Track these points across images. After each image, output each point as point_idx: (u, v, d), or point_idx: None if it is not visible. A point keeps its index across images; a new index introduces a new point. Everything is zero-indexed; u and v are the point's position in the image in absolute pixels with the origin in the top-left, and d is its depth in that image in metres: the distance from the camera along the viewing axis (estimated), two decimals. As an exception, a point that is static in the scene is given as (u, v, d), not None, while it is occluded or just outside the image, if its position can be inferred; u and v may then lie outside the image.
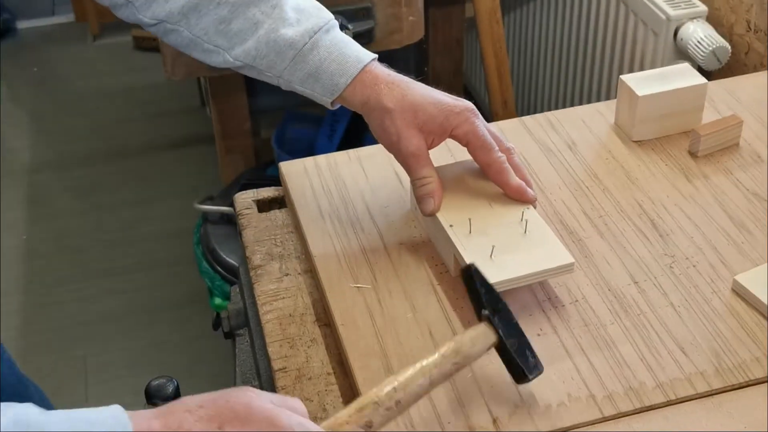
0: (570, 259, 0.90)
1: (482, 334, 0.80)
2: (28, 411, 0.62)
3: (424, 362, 0.77)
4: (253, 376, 1.00)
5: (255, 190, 1.14)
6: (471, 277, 0.83)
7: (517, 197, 0.97)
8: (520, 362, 0.80)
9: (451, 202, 0.97)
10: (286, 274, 1.00)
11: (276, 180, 1.14)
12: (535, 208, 0.97)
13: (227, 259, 1.76)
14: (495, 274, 0.88)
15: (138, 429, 0.64)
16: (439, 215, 0.96)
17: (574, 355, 0.86)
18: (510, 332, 0.81)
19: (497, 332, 0.80)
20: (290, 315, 0.95)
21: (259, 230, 1.07)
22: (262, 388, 0.93)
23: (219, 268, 1.77)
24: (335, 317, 0.92)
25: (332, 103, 1.00)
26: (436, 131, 0.97)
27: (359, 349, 0.88)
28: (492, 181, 0.98)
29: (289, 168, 1.13)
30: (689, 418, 0.80)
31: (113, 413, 0.65)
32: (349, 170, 1.11)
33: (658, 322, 0.89)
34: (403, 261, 0.98)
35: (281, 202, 1.12)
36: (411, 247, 1.00)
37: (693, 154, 1.11)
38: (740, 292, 0.92)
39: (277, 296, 0.98)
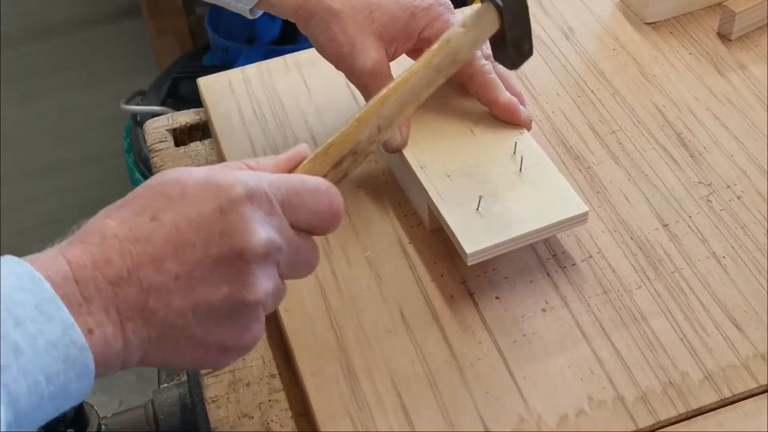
0: (583, 207, 0.68)
1: (483, 17, 0.66)
2: None
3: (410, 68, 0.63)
4: (182, 371, 0.79)
5: (170, 115, 0.89)
6: None
7: (508, 118, 0.73)
8: (513, 52, 0.69)
9: (422, 132, 0.74)
10: (213, 234, 0.78)
11: (216, 72, 0.90)
12: (530, 130, 0.74)
13: (163, 169, 1.52)
14: (484, 235, 0.66)
15: (50, 270, 0.47)
16: (406, 152, 0.72)
17: (593, 338, 0.65)
18: (515, 18, 0.67)
19: (501, 17, 0.66)
20: (220, 292, 0.73)
21: (177, 172, 0.83)
22: (190, 388, 0.72)
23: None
24: (276, 299, 0.70)
25: (252, 11, 0.74)
26: (400, 36, 0.73)
27: (309, 346, 0.66)
28: (474, 98, 0.75)
29: (210, 85, 0.88)
30: (751, 426, 0.60)
31: (11, 270, 0.47)
32: (287, 83, 0.87)
33: (699, 282, 0.68)
34: (362, 212, 0.75)
35: (204, 129, 0.88)
36: (372, 191, 0.77)
37: (724, 37, 0.87)
38: (802, 232, 0.70)
39: (202, 266, 0.75)
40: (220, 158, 0.82)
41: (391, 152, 0.73)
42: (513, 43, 0.68)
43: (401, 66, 0.77)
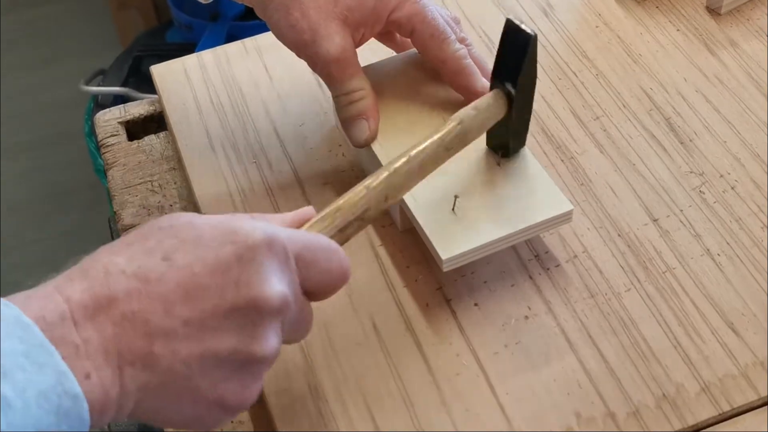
0: (568, 206, 0.63)
1: (493, 103, 0.63)
2: None
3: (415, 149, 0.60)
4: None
5: (123, 106, 0.83)
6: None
7: None
8: (512, 143, 0.65)
9: (392, 124, 0.68)
10: (169, 237, 0.72)
11: (179, 50, 0.84)
12: None
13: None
14: (460, 239, 0.61)
15: (45, 310, 0.43)
16: (375, 146, 0.67)
17: (580, 347, 0.61)
18: (522, 110, 0.65)
19: (509, 105, 0.63)
20: (177, 302, 0.68)
21: (130, 169, 0.77)
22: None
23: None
24: (238, 310, 0.65)
25: None
26: (367, 20, 0.67)
27: (275, 365, 0.61)
28: (448, 85, 0.69)
29: (164, 72, 0.81)
30: (753, 442, 0.56)
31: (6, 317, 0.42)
32: (247, 70, 0.81)
33: (692, 283, 0.63)
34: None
35: (160, 121, 0.81)
36: (339, 186, 0.71)
37: (714, 11, 0.81)
38: (801, 225, 0.66)
39: (158, 273, 0.70)
40: (176, 153, 0.76)
41: (360, 147, 0.68)
42: (513, 132, 0.65)
43: (374, 53, 0.71)
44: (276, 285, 0.47)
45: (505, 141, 0.65)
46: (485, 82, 0.68)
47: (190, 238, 0.47)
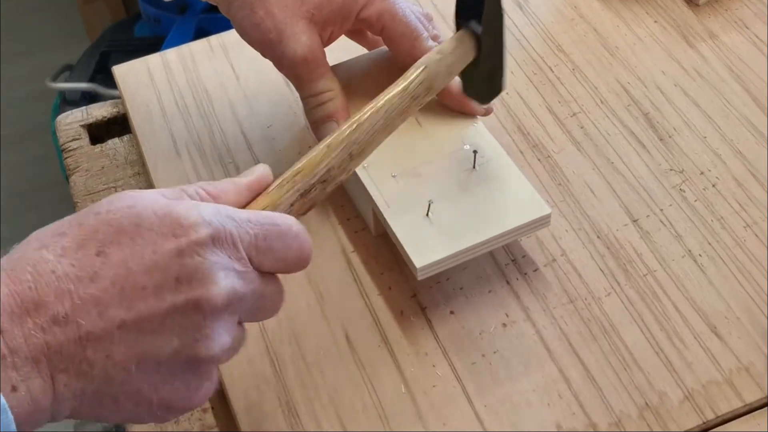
0: (546, 209, 0.60)
1: (458, 45, 0.60)
2: None
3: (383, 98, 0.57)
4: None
5: (85, 108, 0.80)
6: None
7: (459, 108, 0.66)
8: (487, 86, 0.63)
9: None
10: (134, 245, 0.69)
11: (147, 44, 0.81)
12: (489, 114, 0.67)
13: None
14: (435, 245, 0.59)
15: None
16: None
17: (559, 356, 0.59)
18: (491, 49, 0.61)
19: (478, 47, 0.60)
20: (143, 314, 0.65)
21: (93, 174, 0.74)
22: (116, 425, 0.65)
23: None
24: (205, 322, 0.62)
25: None
26: (335, 18, 0.64)
27: (242, 378, 0.59)
28: None
29: (126, 73, 0.79)
30: (738, 452, 0.54)
31: None
32: (212, 69, 0.78)
33: (674, 286, 0.62)
34: (303, 220, 0.67)
35: (123, 123, 0.79)
36: (309, 191, 0.69)
37: (692, 2, 0.80)
38: (784, 224, 0.64)
39: (123, 283, 0.67)
40: (140, 157, 0.74)
41: None
42: (486, 75, 0.62)
43: (345, 51, 0.69)
44: (220, 282, 0.44)
45: (480, 85, 0.62)
46: (459, 80, 0.65)
47: (128, 226, 0.44)
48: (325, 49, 0.65)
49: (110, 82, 1.44)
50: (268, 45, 0.64)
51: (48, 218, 1.77)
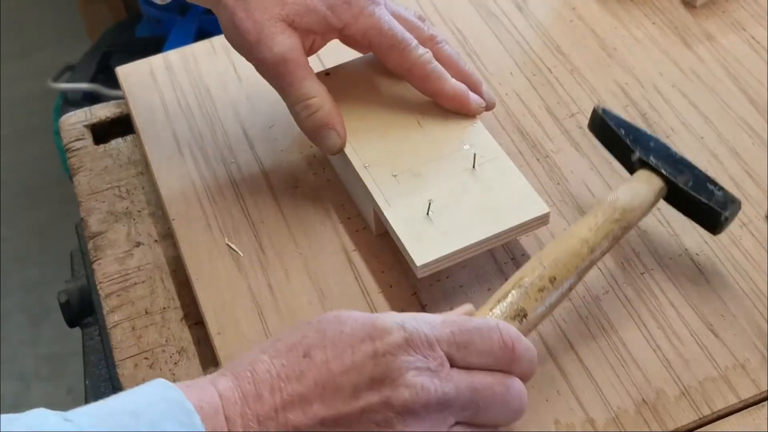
0: (544, 208, 0.61)
1: (642, 181, 0.61)
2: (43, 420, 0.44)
3: (574, 229, 0.58)
4: (108, 389, 0.72)
5: (88, 109, 0.80)
6: (603, 121, 0.64)
7: (457, 109, 0.66)
8: (704, 198, 0.60)
9: (365, 126, 0.66)
10: (137, 244, 0.70)
11: (148, 45, 0.82)
12: (492, 109, 0.68)
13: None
14: (435, 244, 0.59)
15: (203, 402, 0.46)
16: (348, 150, 0.65)
17: (558, 353, 0.59)
18: (677, 168, 0.61)
19: (660, 173, 0.61)
20: (146, 312, 0.66)
21: (96, 174, 0.75)
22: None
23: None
24: (207, 320, 0.63)
25: None
26: (317, 29, 0.65)
27: (246, 375, 0.60)
28: (418, 91, 0.68)
29: (130, 73, 0.79)
30: (734, 447, 0.55)
31: (164, 395, 0.46)
32: (215, 70, 0.79)
33: (672, 285, 0.62)
34: (300, 215, 0.68)
35: (126, 123, 0.79)
36: (311, 191, 0.70)
37: (689, 4, 0.80)
38: (780, 223, 0.65)
39: (126, 282, 0.68)
40: (143, 156, 0.75)
41: (332, 155, 0.66)
42: (693, 189, 0.61)
43: (337, 53, 0.69)
44: (410, 379, 0.47)
45: (695, 203, 0.61)
46: (455, 84, 0.66)
47: (333, 332, 0.48)
48: (319, 54, 0.65)
49: (112, 82, 1.45)
50: (248, 46, 0.64)
51: (48, 218, 1.80)
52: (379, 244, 0.66)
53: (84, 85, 1.42)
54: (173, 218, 0.69)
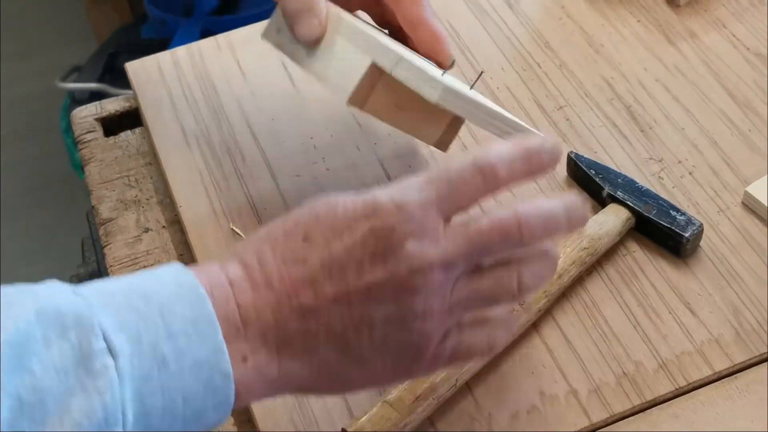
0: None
1: (610, 213, 0.66)
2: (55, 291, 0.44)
3: None
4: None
5: (98, 103, 0.84)
6: (575, 164, 0.70)
7: (431, 47, 0.66)
8: (666, 223, 0.65)
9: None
10: (146, 230, 0.74)
11: (154, 46, 0.86)
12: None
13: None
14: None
15: (215, 291, 0.47)
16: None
17: (543, 328, 0.63)
18: (641, 199, 0.67)
19: (627, 205, 0.67)
20: (155, 293, 0.70)
21: (107, 164, 0.79)
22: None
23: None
24: (214, 300, 0.67)
25: None
26: None
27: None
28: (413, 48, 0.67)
29: (138, 69, 0.83)
30: (707, 415, 0.59)
31: (177, 279, 0.46)
32: (220, 66, 0.82)
33: (651, 265, 0.66)
34: (301, 201, 0.71)
35: (135, 117, 0.83)
36: (311, 179, 0.73)
37: (673, 3, 0.84)
38: (755, 209, 0.68)
39: (136, 265, 0.72)
40: (151, 148, 0.78)
41: (308, 42, 0.63)
42: (657, 216, 0.66)
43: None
44: (410, 246, 0.47)
45: (658, 228, 0.66)
46: (438, 24, 0.66)
47: (326, 215, 0.48)
48: None
49: (118, 82, 1.49)
50: None
51: (54, 215, 1.83)
52: (376, 229, 0.69)
53: (91, 85, 1.46)
54: (180, 205, 0.72)
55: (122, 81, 1.29)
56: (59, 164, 1.73)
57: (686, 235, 0.64)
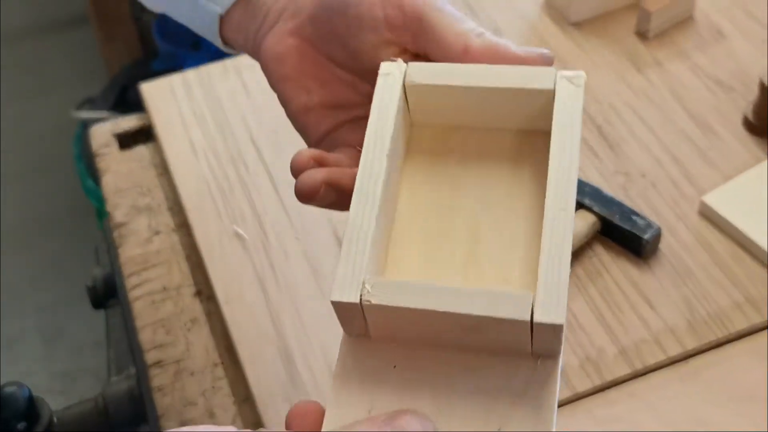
0: None
1: (578, 218, 0.73)
2: None
3: None
4: (130, 362, 0.82)
5: (115, 120, 0.92)
6: None
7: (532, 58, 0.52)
8: (627, 227, 0.72)
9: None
10: (157, 233, 0.81)
11: (162, 76, 0.93)
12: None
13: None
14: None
15: None
16: None
17: (516, 319, 0.70)
18: (606, 206, 0.74)
19: (593, 211, 0.73)
20: (164, 288, 0.77)
21: (121, 175, 0.86)
22: (138, 380, 0.75)
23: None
24: (217, 291, 0.73)
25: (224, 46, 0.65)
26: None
27: (249, 335, 0.70)
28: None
29: (152, 90, 0.91)
30: (662, 393, 0.65)
31: None
32: (227, 87, 0.90)
33: (615, 265, 0.73)
34: (298, 207, 0.79)
35: (148, 133, 0.91)
36: (308, 187, 0.80)
37: (642, 35, 0.92)
38: (710, 217, 0.75)
39: (147, 264, 0.79)
40: (163, 160, 0.86)
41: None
42: (621, 221, 0.73)
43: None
44: None
45: (621, 232, 0.72)
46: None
47: None
48: None
49: (129, 112, 1.57)
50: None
51: (63, 246, 1.90)
52: (366, 231, 0.76)
53: (104, 114, 1.54)
54: (188, 210, 0.79)
55: (133, 111, 1.37)
56: (71, 198, 1.80)
57: (645, 237, 0.71)
